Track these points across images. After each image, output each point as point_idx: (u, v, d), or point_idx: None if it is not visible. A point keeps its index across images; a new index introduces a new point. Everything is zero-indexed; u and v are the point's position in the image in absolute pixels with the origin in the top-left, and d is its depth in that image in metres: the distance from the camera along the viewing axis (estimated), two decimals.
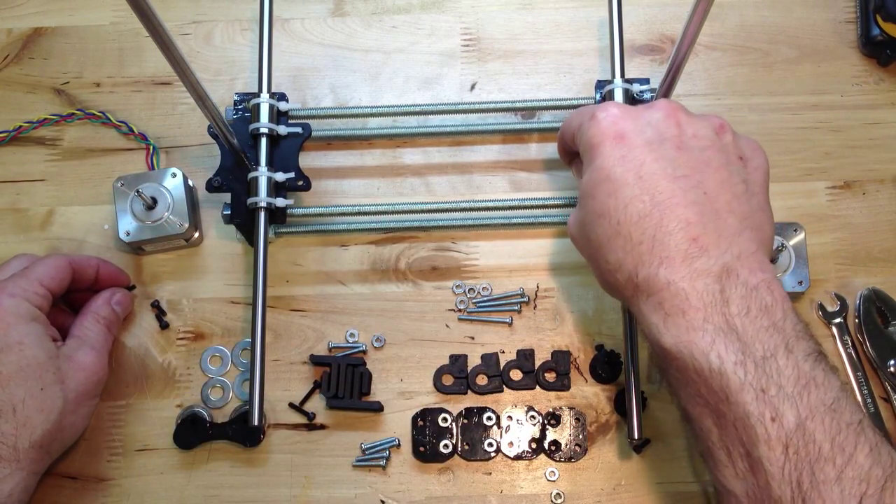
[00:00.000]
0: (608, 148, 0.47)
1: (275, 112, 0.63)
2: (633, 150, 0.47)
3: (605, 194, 0.47)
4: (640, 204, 0.45)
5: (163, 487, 0.61)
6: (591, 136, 0.48)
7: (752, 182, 0.48)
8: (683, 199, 0.45)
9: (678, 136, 0.48)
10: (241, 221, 0.62)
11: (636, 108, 0.49)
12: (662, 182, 0.45)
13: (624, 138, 0.47)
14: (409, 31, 0.72)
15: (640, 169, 0.46)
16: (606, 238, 0.47)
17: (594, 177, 0.47)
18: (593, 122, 0.48)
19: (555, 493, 0.60)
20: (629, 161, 0.46)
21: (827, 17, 0.71)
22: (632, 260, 0.45)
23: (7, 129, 0.69)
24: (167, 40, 0.46)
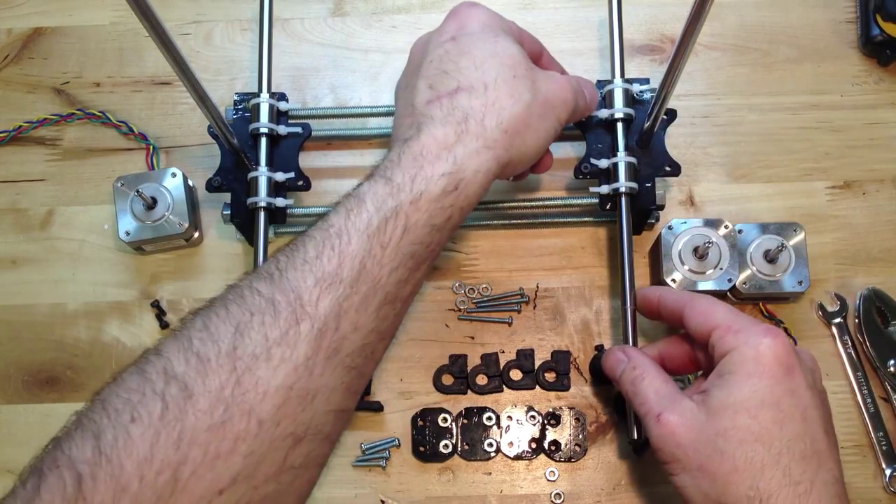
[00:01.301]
0: (780, 375, 0.46)
1: (275, 112, 0.63)
2: (799, 389, 0.46)
3: (771, 420, 0.45)
4: (802, 444, 0.45)
5: None
6: (762, 353, 0.46)
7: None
8: (834, 454, 0.46)
9: (823, 391, 0.49)
10: (241, 221, 0.62)
11: (795, 347, 0.49)
12: (821, 431, 0.46)
13: (793, 373, 0.47)
14: (409, 31, 0.72)
15: (805, 410, 0.46)
16: (761, 465, 0.44)
17: (759, 397, 0.46)
18: (768, 340, 0.47)
19: (555, 493, 0.60)
20: (797, 397, 0.46)
21: (827, 17, 0.71)
22: (786, 497, 0.44)
23: (7, 129, 0.69)
24: (167, 40, 0.46)
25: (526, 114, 0.50)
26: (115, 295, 0.66)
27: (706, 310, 0.50)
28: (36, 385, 0.64)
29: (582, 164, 0.62)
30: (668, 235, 0.61)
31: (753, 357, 0.46)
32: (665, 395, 0.49)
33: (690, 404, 0.47)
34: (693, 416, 0.47)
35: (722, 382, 0.47)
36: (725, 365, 0.47)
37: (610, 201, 0.61)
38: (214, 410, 0.38)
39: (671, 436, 0.47)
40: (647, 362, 0.52)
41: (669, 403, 0.48)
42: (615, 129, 0.61)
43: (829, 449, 0.46)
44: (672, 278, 0.60)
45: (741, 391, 0.46)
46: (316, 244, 0.43)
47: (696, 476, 0.46)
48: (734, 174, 0.67)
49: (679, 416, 0.47)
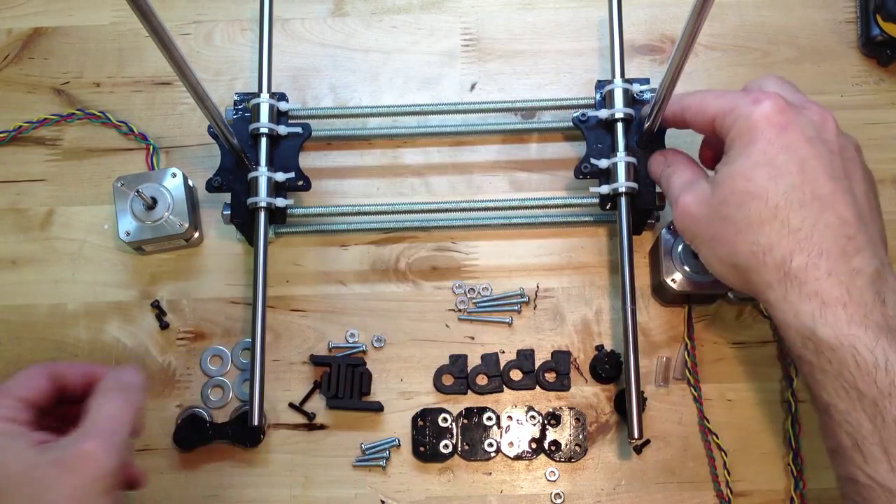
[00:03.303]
0: (773, 134, 0.48)
1: (275, 112, 0.63)
2: (796, 142, 0.47)
3: (765, 178, 0.47)
4: (800, 193, 0.46)
5: (163, 487, 0.61)
6: (754, 119, 0.48)
7: (878, 203, 0.51)
8: (842, 198, 0.47)
9: (834, 141, 0.50)
10: (241, 221, 0.62)
11: (796, 104, 0.50)
12: (822, 178, 0.47)
13: (788, 129, 0.48)
14: (409, 31, 0.72)
15: (802, 162, 0.47)
16: (759, 220, 0.47)
17: (753, 160, 0.48)
18: (758, 107, 0.48)
19: (555, 493, 0.60)
20: (792, 151, 0.47)
21: (827, 17, 0.71)
22: (787, 245, 0.46)
23: (7, 129, 0.69)
24: (167, 40, 0.46)
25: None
26: (115, 295, 0.66)
27: (700, 105, 0.52)
28: None
29: (582, 164, 0.62)
30: (668, 235, 0.61)
31: (747, 127, 0.48)
32: (688, 181, 0.53)
33: (705, 185, 0.51)
34: (704, 193, 0.51)
35: (726, 159, 0.50)
36: (728, 144, 0.50)
37: (610, 201, 0.61)
38: None
39: (687, 214, 0.51)
40: (680, 159, 0.56)
41: (689, 187, 0.52)
42: (615, 129, 0.61)
43: (834, 193, 0.47)
44: (672, 278, 0.60)
45: (738, 160, 0.48)
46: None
47: (711, 245, 0.50)
48: None
49: (693, 196, 0.51)
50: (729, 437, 0.61)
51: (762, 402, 0.62)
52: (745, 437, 0.61)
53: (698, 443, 0.61)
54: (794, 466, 0.59)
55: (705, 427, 0.61)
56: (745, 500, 0.60)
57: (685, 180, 0.53)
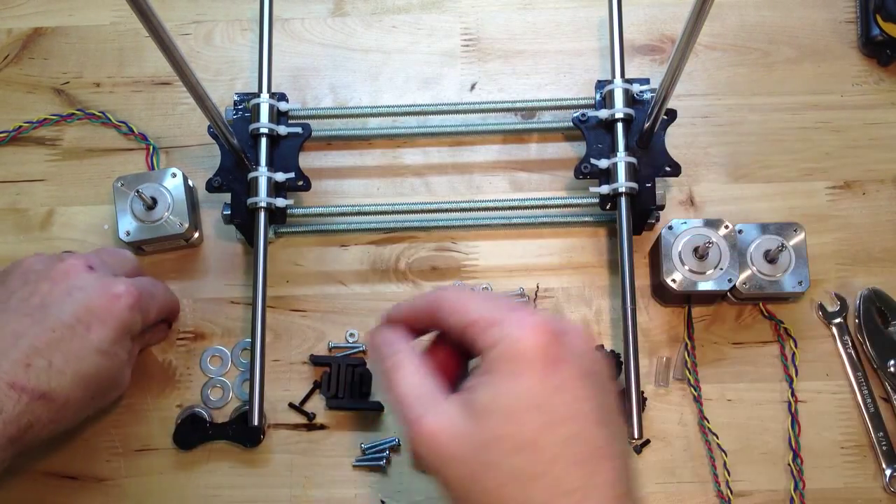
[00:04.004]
0: (544, 371, 0.41)
1: (275, 112, 0.63)
2: (568, 383, 0.41)
3: (538, 424, 0.40)
4: (575, 446, 0.40)
5: (163, 487, 0.61)
6: (522, 348, 0.41)
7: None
8: (613, 449, 0.41)
9: (600, 372, 0.44)
10: (241, 221, 0.62)
11: (559, 325, 0.43)
12: (596, 426, 0.41)
13: (559, 365, 0.41)
14: (409, 31, 0.72)
15: (577, 408, 0.41)
16: (530, 475, 0.39)
17: (524, 400, 0.40)
18: (527, 333, 0.41)
19: None
20: (566, 394, 0.41)
21: (827, 17, 0.71)
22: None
23: (7, 129, 0.69)
24: (167, 40, 0.46)
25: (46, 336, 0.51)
26: None
27: (458, 305, 0.44)
28: None
29: (582, 164, 0.62)
30: (668, 235, 0.61)
31: (516, 353, 0.41)
32: (426, 394, 0.43)
33: (454, 408, 0.42)
34: (458, 421, 0.41)
35: (486, 382, 0.41)
36: (488, 362, 0.42)
37: (610, 201, 0.61)
38: None
39: (433, 447, 0.41)
40: (407, 349, 0.45)
41: (432, 405, 0.42)
42: (615, 129, 0.61)
43: (607, 444, 0.41)
44: (672, 278, 0.60)
45: (506, 394, 0.41)
46: None
47: (463, 488, 0.41)
48: (734, 174, 0.67)
49: (442, 422, 0.41)
50: (729, 437, 0.61)
51: (762, 402, 0.62)
52: (745, 437, 0.61)
53: (698, 443, 0.61)
54: (794, 466, 0.59)
55: (705, 427, 0.61)
56: (745, 500, 0.60)
57: (422, 390, 0.43)
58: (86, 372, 0.51)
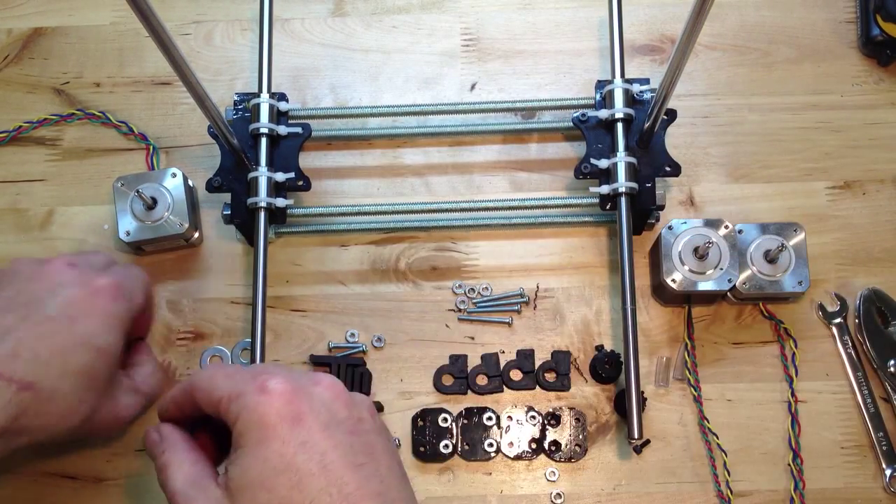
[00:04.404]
0: (286, 431, 0.42)
1: (275, 112, 0.63)
2: (312, 435, 0.42)
3: (287, 487, 0.41)
4: (327, 498, 0.41)
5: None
6: (261, 413, 0.42)
7: (401, 465, 0.47)
8: (368, 490, 0.42)
9: (349, 419, 0.45)
10: (241, 221, 0.62)
11: (302, 382, 0.45)
12: (347, 472, 0.42)
13: (301, 420, 0.42)
14: (409, 31, 0.72)
15: (323, 457, 0.42)
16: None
17: (271, 465, 0.41)
18: (265, 398, 0.42)
19: (555, 493, 0.60)
20: (310, 448, 0.42)
21: (827, 17, 0.71)
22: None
23: (7, 129, 0.69)
24: (167, 40, 0.46)
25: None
26: None
27: (206, 386, 0.45)
28: None
29: (582, 164, 0.62)
30: (668, 235, 0.61)
31: (256, 422, 0.42)
32: (194, 484, 0.44)
33: (217, 492, 0.43)
34: (216, 501, 0.43)
35: (237, 457, 0.43)
36: (236, 437, 0.43)
37: (610, 201, 0.61)
38: None
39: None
40: (178, 441, 0.47)
41: (196, 494, 0.44)
42: (615, 129, 0.61)
43: (361, 486, 0.42)
44: (672, 278, 0.60)
45: (253, 465, 0.42)
46: None
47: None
48: (734, 174, 0.67)
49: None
50: (729, 437, 0.61)
51: (762, 402, 0.62)
52: (745, 437, 0.61)
53: (698, 443, 0.61)
54: (794, 466, 0.59)
55: (705, 427, 0.61)
56: (745, 500, 0.60)
57: (188, 476, 0.45)
58: (74, 364, 0.51)
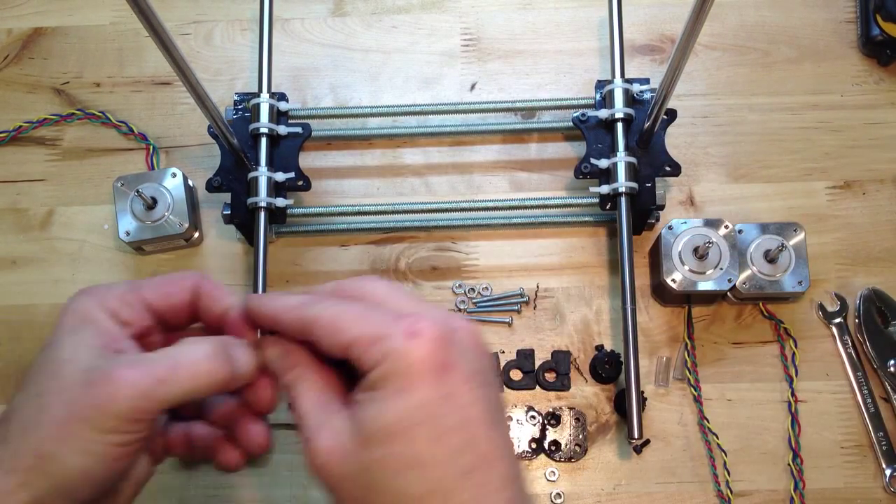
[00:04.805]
0: (432, 382, 0.38)
1: (275, 112, 0.63)
2: (457, 388, 0.39)
3: (428, 440, 0.38)
4: (464, 457, 0.38)
5: (163, 487, 0.61)
6: (409, 361, 0.38)
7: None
8: (501, 450, 0.39)
9: (483, 370, 0.41)
10: (241, 221, 0.62)
11: (447, 324, 0.40)
12: (483, 430, 0.39)
13: (448, 371, 0.39)
14: (409, 31, 0.72)
15: (464, 412, 0.38)
16: (419, 494, 0.37)
17: (410, 415, 0.38)
18: (413, 344, 0.38)
19: (555, 493, 0.60)
20: (454, 401, 0.38)
21: (827, 17, 0.71)
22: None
23: (7, 129, 0.69)
24: (167, 40, 0.46)
25: (37, 438, 0.38)
26: None
27: (332, 326, 0.40)
28: None
29: (582, 164, 0.62)
30: (668, 235, 0.61)
31: (403, 369, 0.38)
32: (321, 409, 0.40)
33: (342, 424, 0.39)
34: (346, 441, 0.39)
35: (372, 398, 0.39)
36: (374, 379, 0.39)
37: (610, 201, 0.61)
38: None
39: (323, 467, 0.39)
40: (305, 358, 0.42)
41: (323, 421, 0.40)
42: (615, 129, 0.61)
43: (496, 446, 0.39)
44: (672, 278, 0.60)
45: (393, 411, 0.38)
46: None
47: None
48: (734, 174, 0.67)
49: (329, 442, 0.39)
50: (729, 437, 0.61)
51: (762, 402, 0.62)
52: (745, 437, 0.61)
53: (698, 443, 0.61)
54: (794, 466, 0.59)
55: (705, 427, 0.61)
56: (745, 500, 0.60)
57: (318, 399, 0.41)
58: None
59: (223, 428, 0.45)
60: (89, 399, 0.38)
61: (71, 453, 0.38)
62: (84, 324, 0.41)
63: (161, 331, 0.44)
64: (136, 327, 0.42)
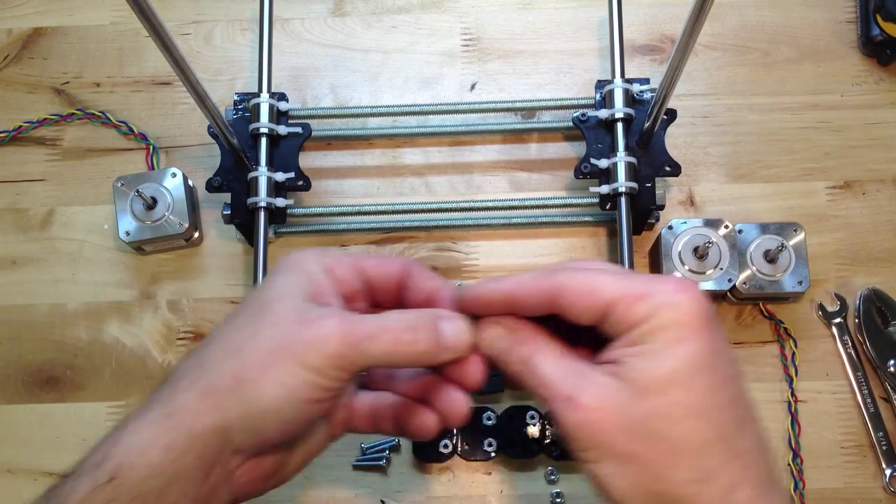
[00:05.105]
0: (705, 334, 0.38)
1: (275, 112, 0.63)
2: (722, 344, 0.39)
3: (707, 389, 0.38)
4: (736, 409, 0.39)
5: None
6: (683, 313, 0.38)
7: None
8: (754, 412, 0.40)
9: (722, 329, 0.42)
10: (241, 221, 0.62)
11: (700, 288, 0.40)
12: (742, 386, 0.39)
13: (714, 326, 0.39)
14: (409, 31, 0.72)
15: (730, 367, 0.39)
16: (702, 441, 0.37)
17: (688, 364, 0.38)
18: (685, 298, 0.39)
19: (555, 492, 0.60)
20: (722, 356, 0.39)
21: (827, 17, 0.71)
22: (731, 473, 0.37)
23: (7, 129, 0.69)
24: (167, 40, 0.46)
25: (239, 362, 0.38)
26: (115, 295, 0.66)
27: (587, 287, 0.40)
28: (36, 385, 0.64)
29: (582, 164, 0.62)
30: (668, 235, 0.61)
31: (676, 321, 0.38)
32: (572, 372, 0.40)
33: (606, 380, 0.39)
34: (614, 394, 0.38)
35: (642, 353, 0.38)
36: (641, 334, 0.39)
37: (610, 201, 0.61)
38: None
39: (591, 422, 0.38)
40: (535, 335, 0.42)
41: (580, 381, 0.39)
42: (615, 129, 0.61)
43: (751, 407, 0.40)
44: None
45: (670, 361, 0.38)
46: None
47: (624, 463, 0.38)
48: (734, 174, 0.67)
49: (597, 397, 0.38)
50: None
51: (762, 402, 0.62)
52: None
53: None
54: (794, 466, 0.59)
55: None
56: None
57: (565, 369, 0.40)
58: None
59: (415, 399, 0.43)
60: (300, 334, 0.38)
61: (270, 383, 0.37)
62: (299, 271, 0.41)
63: (367, 302, 0.44)
64: (345, 287, 0.42)
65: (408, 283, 0.43)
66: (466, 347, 0.41)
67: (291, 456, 0.42)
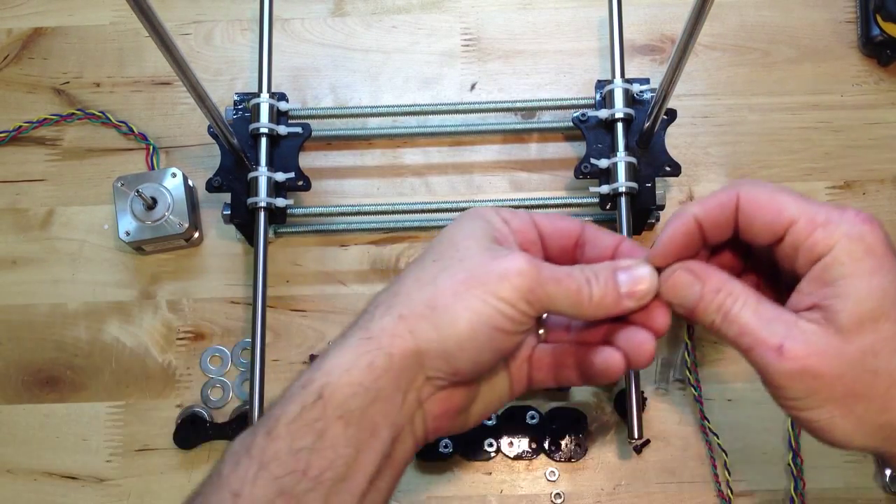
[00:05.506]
0: (892, 263, 0.38)
1: (275, 112, 0.63)
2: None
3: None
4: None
5: (163, 487, 0.61)
6: (871, 243, 0.38)
7: None
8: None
9: None
10: (241, 221, 0.62)
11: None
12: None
13: (893, 254, 0.39)
14: (409, 31, 0.72)
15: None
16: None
17: (889, 294, 0.37)
18: (870, 228, 0.39)
19: (555, 493, 0.60)
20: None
21: (827, 17, 0.71)
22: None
23: (7, 129, 0.69)
24: (167, 40, 0.46)
25: (432, 291, 0.39)
26: (115, 295, 0.66)
27: (774, 202, 0.39)
28: (36, 385, 0.64)
29: (582, 164, 0.62)
30: None
31: (864, 250, 0.38)
32: (774, 319, 0.38)
33: (811, 326, 0.38)
34: (823, 340, 0.37)
35: (840, 293, 0.38)
36: (827, 268, 0.38)
37: (610, 201, 0.61)
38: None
39: (806, 370, 0.37)
40: (729, 280, 0.40)
41: (786, 329, 0.38)
42: (615, 128, 0.61)
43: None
44: None
45: (870, 295, 0.37)
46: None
47: (844, 404, 0.38)
48: (734, 174, 0.67)
49: (807, 344, 0.37)
50: (729, 437, 0.60)
51: (762, 402, 0.61)
52: (745, 437, 0.61)
53: (698, 443, 0.61)
54: (794, 466, 0.59)
55: (705, 427, 0.61)
56: (745, 500, 0.60)
57: (768, 317, 0.39)
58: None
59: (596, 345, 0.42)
60: (491, 267, 0.39)
61: (462, 309, 0.38)
62: (480, 219, 0.42)
63: (542, 256, 0.44)
64: (522, 237, 0.43)
65: (584, 240, 0.44)
66: (649, 296, 0.41)
67: (476, 399, 0.43)
